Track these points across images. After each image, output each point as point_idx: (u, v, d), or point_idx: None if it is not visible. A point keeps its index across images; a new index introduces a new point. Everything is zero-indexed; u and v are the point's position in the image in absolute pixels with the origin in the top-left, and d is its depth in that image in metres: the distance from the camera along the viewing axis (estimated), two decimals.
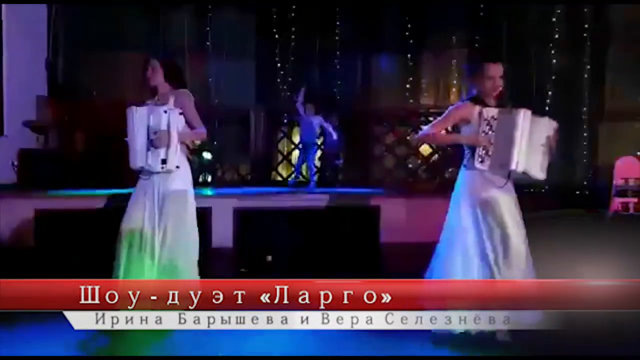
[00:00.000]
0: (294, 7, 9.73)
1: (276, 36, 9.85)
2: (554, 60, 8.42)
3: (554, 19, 8.41)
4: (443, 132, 3.32)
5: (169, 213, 3.42)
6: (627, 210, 6.18)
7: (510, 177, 3.13)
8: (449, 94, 9.54)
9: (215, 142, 8.46)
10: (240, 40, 9.79)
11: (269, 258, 5.56)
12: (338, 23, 9.72)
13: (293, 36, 9.79)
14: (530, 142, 3.01)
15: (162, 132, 3.39)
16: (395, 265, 5.72)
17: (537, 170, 3.07)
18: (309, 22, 9.70)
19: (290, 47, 9.77)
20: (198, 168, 7.84)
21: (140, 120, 3.43)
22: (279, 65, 9.79)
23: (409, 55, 9.57)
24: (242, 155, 8.92)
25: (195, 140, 3.79)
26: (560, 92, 8.41)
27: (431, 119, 9.30)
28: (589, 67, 8.22)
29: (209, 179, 7.89)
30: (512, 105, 3.16)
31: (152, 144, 3.40)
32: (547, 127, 3.09)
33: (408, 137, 9.27)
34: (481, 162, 3.06)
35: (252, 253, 5.49)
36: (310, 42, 9.71)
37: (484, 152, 3.04)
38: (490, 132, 3.03)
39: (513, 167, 3.01)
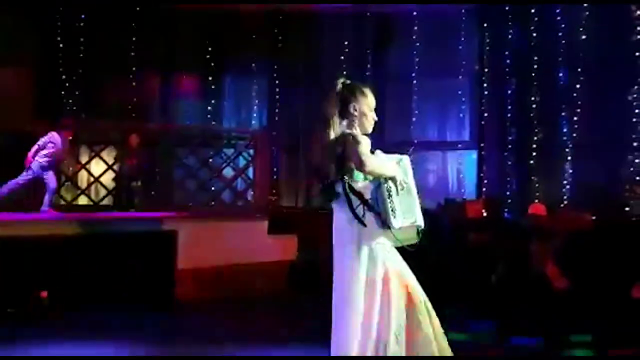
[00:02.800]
0: (84, 19, 8.95)
1: (61, 46, 8.89)
2: None
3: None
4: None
5: None
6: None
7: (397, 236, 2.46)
8: (251, 119, 9.74)
9: None
10: (20, 49, 8.57)
11: (45, 294, 4.81)
12: (135, 39, 9.20)
13: (82, 49, 8.95)
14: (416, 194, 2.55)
15: None
16: (193, 291, 5.51)
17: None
18: (102, 36, 9.00)
19: (79, 60, 8.92)
20: None
21: None
22: (63, 78, 8.84)
23: (210, 78, 9.51)
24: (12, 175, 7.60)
25: None
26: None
27: (233, 142, 9.41)
28: None
29: None
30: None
31: None
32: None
33: (211, 160, 9.16)
34: (394, 218, 2.39)
35: (22, 289, 4.68)
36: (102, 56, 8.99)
37: (392, 204, 2.42)
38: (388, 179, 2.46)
39: (420, 221, 2.47)
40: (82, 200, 8.63)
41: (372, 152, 2.47)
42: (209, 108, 9.54)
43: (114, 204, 8.26)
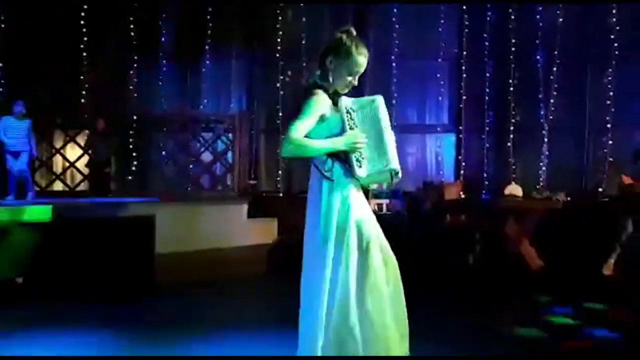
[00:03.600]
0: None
1: (30, 26, 8.63)
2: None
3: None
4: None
5: None
6: (381, 210, 7.10)
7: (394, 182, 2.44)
8: (230, 103, 9.62)
9: None
10: None
11: (20, 280, 4.73)
12: (110, 21, 8.97)
13: (53, 30, 8.71)
14: (390, 136, 2.43)
15: None
16: (172, 276, 5.47)
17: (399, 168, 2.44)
18: (75, 17, 8.76)
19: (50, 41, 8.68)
20: None
21: None
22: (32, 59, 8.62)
23: (188, 61, 9.34)
24: None
25: None
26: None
27: (212, 126, 9.30)
28: None
29: None
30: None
31: None
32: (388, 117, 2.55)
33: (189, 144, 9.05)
34: (360, 167, 2.35)
35: None
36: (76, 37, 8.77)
37: (359, 154, 2.35)
38: (355, 128, 2.37)
39: (392, 165, 2.34)
40: (57, 186, 8.48)
41: (335, 101, 2.38)
42: (187, 92, 9.39)
43: (90, 189, 8.14)
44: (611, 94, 8.14)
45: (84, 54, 8.92)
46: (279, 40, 9.26)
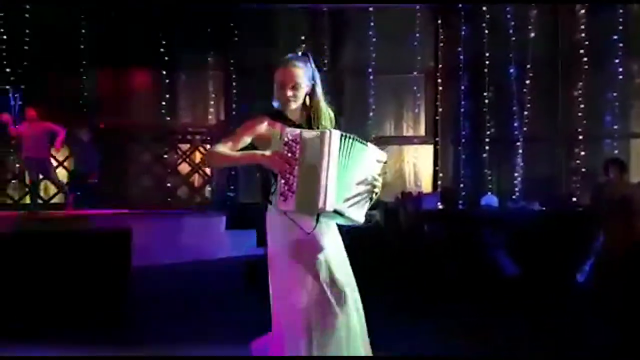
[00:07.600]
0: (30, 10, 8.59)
1: (5, 38, 8.51)
2: None
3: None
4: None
5: None
6: None
7: (320, 219, 2.29)
8: (207, 114, 9.59)
9: None
10: None
11: None
12: (83, 31, 8.90)
13: (29, 41, 8.61)
14: (345, 174, 2.23)
15: None
16: (149, 289, 5.39)
17: (355, 210, 2.27)
18: (50, 29, 8.67)
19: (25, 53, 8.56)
20: None
21: None
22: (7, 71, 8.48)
23: (164, 72, 9.28)
24: None
25: None
26: None
27: (189, 137, 9.25)
28: None
29: None
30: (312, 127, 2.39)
31: None
32: (370, 156, 2.31)
33: (166, 156, 9.00)
34: (284, 200, 2.20)
35: None
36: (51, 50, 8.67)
37: (286, 187, 2.19)
38: (293, 160, 2.22)
39: (321, 205, 2.16)
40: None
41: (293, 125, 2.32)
42: (164, 103, 9.32)
43: (66, 201, 7.98)
44: (582, 106, 8.38)
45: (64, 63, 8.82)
46: (256, 50, 9.29)
